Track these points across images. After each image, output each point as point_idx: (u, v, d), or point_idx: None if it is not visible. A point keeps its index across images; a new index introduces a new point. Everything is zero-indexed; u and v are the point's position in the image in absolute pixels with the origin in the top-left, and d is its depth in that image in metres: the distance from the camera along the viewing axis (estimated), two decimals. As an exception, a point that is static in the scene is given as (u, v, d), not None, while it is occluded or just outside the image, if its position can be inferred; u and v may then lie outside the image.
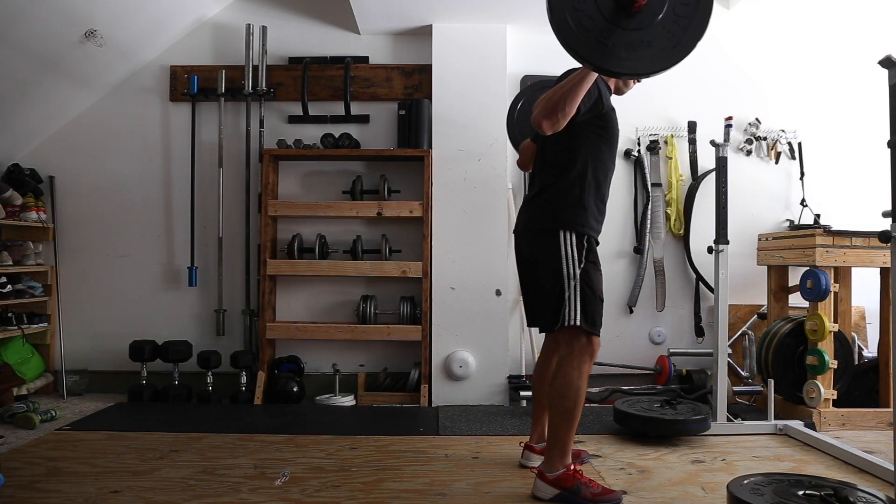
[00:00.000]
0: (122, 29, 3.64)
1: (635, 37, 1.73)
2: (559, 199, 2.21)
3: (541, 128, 2.05)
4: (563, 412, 2.16)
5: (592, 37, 1.73)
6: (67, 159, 4.04)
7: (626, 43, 1.73)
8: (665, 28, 1.74)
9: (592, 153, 2.22)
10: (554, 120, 2.02)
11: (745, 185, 3.96)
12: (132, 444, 2.80)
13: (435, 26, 3.84)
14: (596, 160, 2.23)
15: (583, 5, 1.73)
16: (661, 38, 1.74)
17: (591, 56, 1.74)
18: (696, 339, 3.98)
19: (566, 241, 2.17)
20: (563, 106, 2.00)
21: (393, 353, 3.96)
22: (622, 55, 1.74)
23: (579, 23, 1.73)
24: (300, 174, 4.04)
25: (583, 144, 2.21)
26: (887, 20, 3.98)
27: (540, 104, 2.05)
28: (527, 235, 2.29)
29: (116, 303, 4.03)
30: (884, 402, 3.30)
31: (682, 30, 1.74)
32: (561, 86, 2.03)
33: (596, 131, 2.22)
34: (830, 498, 1.87)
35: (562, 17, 1.73)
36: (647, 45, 1.74)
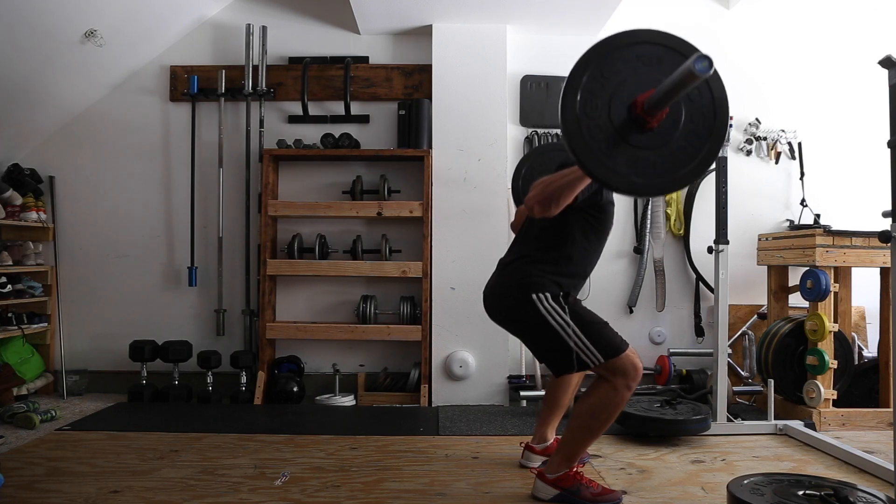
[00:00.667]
0: (122, 29, 3.64)
1: (640, 155, 1.69)
2: (534, 270, 2.14)
3: (532, 212, 2.02)
4: (588, 429, 2.12)
5: (597, 146, 1.68)
6: (67, 159, 4.04)
7: (628, 158, 1.69)
8: (670, 155, 1.71)
9: (579, 241, 2.17)
10: (547, 208, 1.98)
11: (745, 185, 3.96)
12: (132, 444, 2.80)
13: (435, 26, 3.84)
14: (581, 249, 2.18)
15: (595, 112, 1.68)
16: (664, 164, 1.70)
17: (592, 166, 1.68)
18: (696, 339, 3.98)
19: (541, 300, 2.09)
20: (559, 197, 1.96)
21: (393, 353, 3.96)
22: (622, 170, 1.69)
23: (588, 130, 1.68)
24: (300, 174, 4.04)
25: (572, 231, 2.16)
26: (887, 20, 3.98)
27: (537, 189, 2.01)
28: (495, 300, 2.23)
29: (116, 303, 4.03)
30: (884, 402, 3.30)
31: (685, 163, 1.72)
32: (561, 175, 1.96)
33: (588, 220, 2.17)
34: (830, 498, 1.87)
35: (573, 121, 1.67)
36: (650, 167, 1.70)
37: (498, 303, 2.23)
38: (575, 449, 2.16)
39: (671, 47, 1.73)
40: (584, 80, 1.70)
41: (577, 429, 2.13)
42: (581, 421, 2.12)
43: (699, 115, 1.72)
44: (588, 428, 2.12)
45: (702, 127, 1.73)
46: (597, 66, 1.72)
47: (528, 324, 2.14)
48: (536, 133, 3.98)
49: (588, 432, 2.13)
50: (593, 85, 1.70)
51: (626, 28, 1.77)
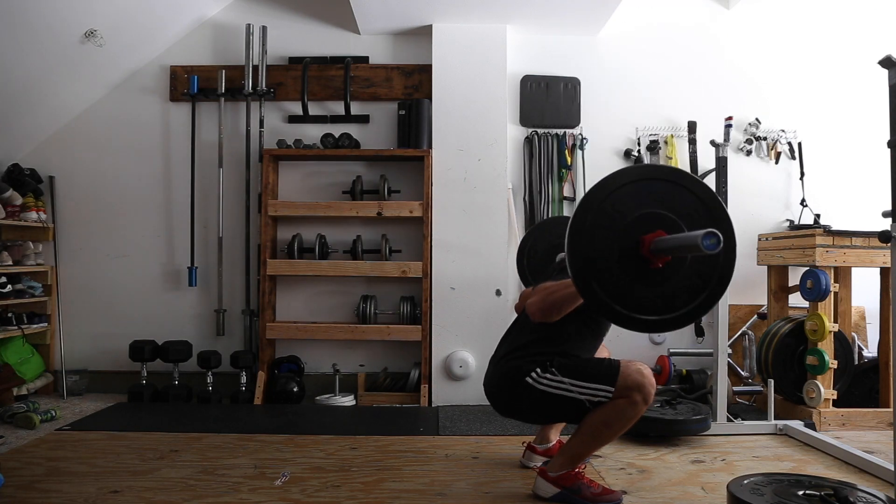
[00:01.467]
0: (122, 29, 3.64)
1: (637, 290, 1.75)
2: (528, 360, 2.15)
3: (533, 317, 2.11)
4: (598, 437, 2.12)
5: (601, 275, 1.73)
6: (67, 159, 4.04)
7: (626, 293, 1.75)
8: (666, 299, 1.76)
9: (574, 339, 2.19)
10: (548, 317, 2.09)
11: (745, 185, 3.96)
12: (132, 444, 2.80)
13: (435, 26, 3.84)
14: (574, 346, 2.19)
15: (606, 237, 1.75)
16: (657, 306, 1.76)
17: (591, 296, 1.74)
18: (696, 339, 3.98)
19: (535, 380, 2.11)
20: (560, 308, 2.06)
21: (393, 353, 3.96)
22: (617, 303, 1.74)
23: (599, 251, 1.74)
24: (300, 174, 4.04)
25: (566, 330, 2.17)
26: (887, 20, 3.98)
27: (539, 296, 2.10)
28: (499, 396, 2.23)
29: (116, 303, 4.03)
30: (884, 402, 3.30)
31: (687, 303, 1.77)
32: (565, 285, 2.00)
33: (586, 322, 2.19)
34: (830, 498, 1.87)
35: (581, 242, 1.73)
36: (641, 306, 1.75)
37: (500, 399, 2.24)
38: (581, 452, 2.16)
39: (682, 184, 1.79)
40: (590, 219, 1.74)
41: (587, 434, 2.13)
42: (593, 428, 2.11)
43: (705, 265, 1.78)
44: (598, 435, 2.12)
45: (706, 274, 1.78)
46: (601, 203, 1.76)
47: (533, 404, 2.15)
48: (536, 133, 3.98)
49: (597, 439, 2.14)
50: (599, 222, 1.74)
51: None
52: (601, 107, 3.99)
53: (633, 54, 4.04)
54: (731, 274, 1.81)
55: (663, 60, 4.04)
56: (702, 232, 1.54)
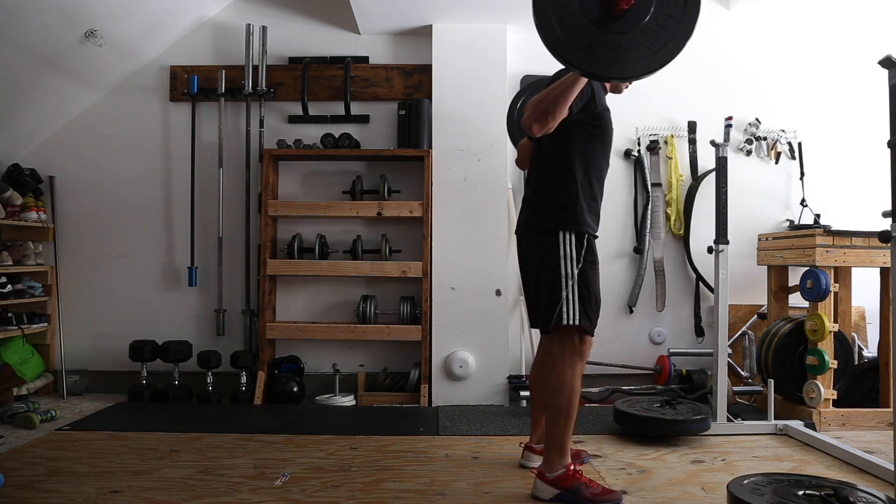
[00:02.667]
0: (122, 29, 3.64)
1: (621, 40, 1.72)
2: (555, 199, 2.21)
3: (531, 130, 2.05)
4: (559, 411, 2.17)
5: (579, 41, 1.72)
6: (67, 159, 4.04)
7: (612, 46, 1.72)
8: (651, 31, 1.73)
9: (585, 152, 2.22)
10: (543, 123, 2.02)
11: (745, 185, 3.96)
12: (132, 444, 2.80)
13: (435, 26, 3.84)
14: (589, 159, 2.23)
15: (569, 10, 1.73)
16: (648, 41, 1.73)
17: (578, 61, 1.73)
18: (696, 339, 3.98)
19: (565, 240, 2.17)
20: (553, 109, 2.00)
21: (393, 353, 3.96)
22: (609, 59, 1.73)
23: (566, 28, 1.72)
24: (300, 174, 4.04)
25: (575, 144, 2.20)
26: (887, 20, 3.98)
27: (530, 107, 2.05)
28: (527, 235, 2.30)
29: (116, 303, 4.03)
30: (884, 402, 3.30)
31: (669, 32, 1.75)
32: (551, 89, 2.02)
33: (589, 130, 2.22)
34: (830, 498, 1.87)
35: (548, 23, 1.72)
36: (634, 48, 1.73)
37: (527, 238, 2.29)
38: (559, 437, 2.18)
39: None
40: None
41: (550, 415, 2.20)
42: (549, 407, 2.20)
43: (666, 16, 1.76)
44: (558, 409, 2.17)
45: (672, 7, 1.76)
46: None
47: (541, 254, 2.20)
48: (536, 133, 3.97)
49: (560, 414, 2.17)
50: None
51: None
52: (609, 107, 3.97)
53: (633, 54, 4.03)
54: (692, 27, 1.79)
55: (663, 60, 4.03)
56: None
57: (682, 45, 1.76)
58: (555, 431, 2.18)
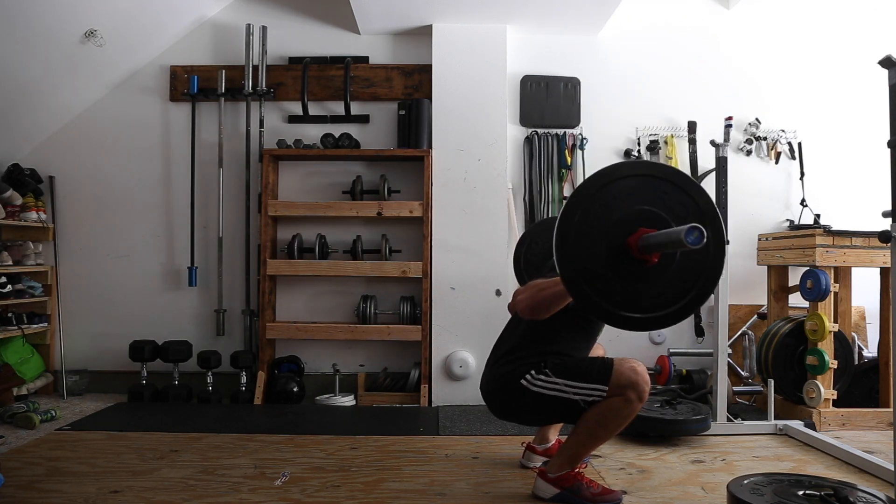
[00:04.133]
0: (122, 29, 3.64)
1: (627, 289, 1.75)
2: (523, 364, 2.15)
3: (522, 314, 2.09)
4: (594, 436, 2.12)
5: (588, 274, 1.73)
6: (67, 159, 4.03)
7: (615, 290, 1.74)
8: (655, 296, 1.76)
9: (566, 338, 2.18)
10: (536, 314, 2.06)
11: (745, 185, 3.96)
12: (132, 444, 2.80)
13: (435, 26, 3.84)
14: (568, 347, 2.19)
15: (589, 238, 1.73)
16: (647, 303, 1.76)
17: (579, 294, 1.74)
18: (696, 339, 3.98)
19: (529, 382, 2.11)
20: (549, 307, 2.02)
21: (393, 353, 3.96)
22: (608, 300, 1.75)
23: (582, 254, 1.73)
24: (300, 174, 4.04)
25: (560, 331, 2.16)
26: (887, 20, 3.98)
27: (529, 293, 2.06)
28: (495, 399, 2.22)
29: (116, 303, 4.03)
30: (884, 402, 3.30)
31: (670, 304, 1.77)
32: (554, 283, 1.96)
33: (578, 322, 2.18)
34: (830, 498, 1.87)
35: (567, 244, 1.72)
36: (632, 303, 1.75)
37: (496, 402, 2.23)
38: (578, 452, 2.16)
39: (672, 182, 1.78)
40: (578, 216, 1.73)
41: (584, 434, 2.13)
42: (589, 428, 2.10)
43: (694, 263, 1.77)
44: (595, 435, 2.13)
45: (696, 270, 1.77)
46: (589, 202, 1.75)
47: (528, 406, 2.14)
48: (536, 133, 3.98)
49: (594, 439, 2.14)
50: (587, 220, 1.73)
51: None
52: (601, 107, 3.99)
53: (633, 54, 4.03)
54: (720, 270, 1.79)
55: (663, 60, 4.04)
56: (685, 227, 1.54)
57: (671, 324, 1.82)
58: (577, 447, 2.15)
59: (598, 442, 2.16)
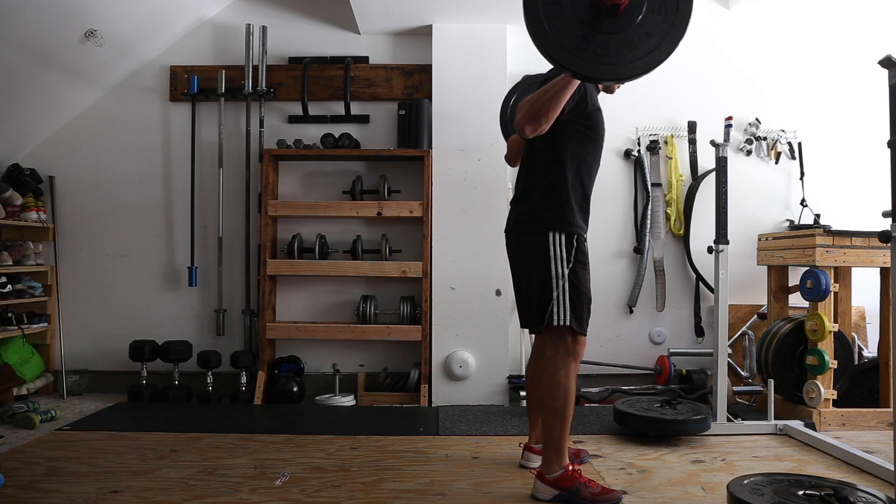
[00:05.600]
0: (122, 29, 3.64)
1: (613, 40, 1.71)
2: (546, 199, 2.20)
3: (523, 132, 2.05)
4: (554, 412, 2.16)
5: (570, 43, 1.71)
6: (67, 159, 4.04)
7: (604, 47, 1.71)
8: (643, 31, 1.72)
9: (577, 152, 2.21)
10: (536, 125, 2.02)
11: (745, 185, 3.96)
12: (132, 444, 2.80)
13: (435, 26, 3.84)
14: (580, 159, 2.22)
15: (560, 10, 1.71)
16: (640, 42, 1.71)
17: (570, 63, 1.72)
18: (696, 339, 3.98)
19: (555, 241, 2.16)
20: (546, 111, 2.00)
21: (393, 353, 3.96)
22: (602, 60, 1.71)
23: (557, 29, 1.71)
24: (300, 174, 4.04)
25: (567, 144, 2.19)
26: (887, 20, 3.98)
27: (523, 108, 2.04)
28: (516, 235, 2.29)
29: (116, 303, 4.03)
30: (884, 402, 3.30)
31: (662, 32, 1.72)
32: (544, 90, 2.01)
33: (581, 130, 2.21)
34: (830, 498, 1.87)
35: (538, 21, 1.72)
36: (626, 49, 1.71)
37: (516, 238, 2.28)
38: (556, 438, 2.17)
39: None
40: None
41: (546, 417, 2.18)
42: (545, 408, 2.18)
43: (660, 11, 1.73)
44: (553, 410, 2.16)
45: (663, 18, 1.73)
46: None
47: (531, 255, 2.19)
48: (536, 133, 3.98)
49: (556, 415, 2.16)
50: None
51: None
52: (601, 106, 3.97)
53: (633, 54, 4.03)
54: (687, 20, 1.74)
55: (663, 60, 4.03)
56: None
57: (674, 46, 1.73)
58: (552, 433, 2.18)
59: (562, 417, 2.16)
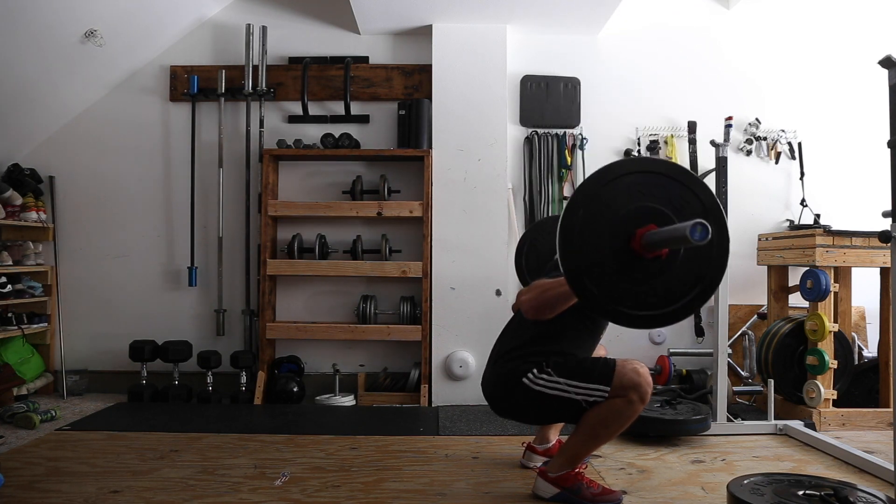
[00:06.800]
0: (122, 29, 3.64)
1: (638, 290, 1.73)
2: (521, 362, 2.14)
3: (528, 314, 2.08)
4: (596, 437, 2.12)
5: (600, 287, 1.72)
6: (67, 159, 4.03)
7: (627, 292, 1.73)
8: (664, 292, 1.74)
9: (570, 337, 2.17)
10: (542, 314, 2.05)
11: (745, 185, 3.96)
12: (132, 444, 2.80)
13: (435, 26, 3.84)
14: (572, 343, 2.18)
15: (594, 245, 1.72)
16: (650, 302, 1.74)
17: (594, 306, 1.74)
18: (696, 339, 3.98)
19: (531, 381, 2.09)
20: (554, 306, 2.01)
21: (393, 353, 3.96)
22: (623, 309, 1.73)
23: (589, 269, 1.72)
24: (300, 174, 4.04)
25: (564, 329, 2.15)
26: (887, 20, 3.98)
27: (533, 293, 2.05)
28: (497, 397, 2.21)
29: (116, 303, 4.03)
30: (884, 402, 3.30)
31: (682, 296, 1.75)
32: (559, 283, 1.94)
33: (582, 319, 2.16)
34: (830, 498, 1.87)
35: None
36: (648, 300, 1.73)
37: (497, 399, 2.22)
38: (579, 452, 2.16)
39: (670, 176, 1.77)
40: (581, 215, 1.71)
41: (585, 434, 2.12)
42: (590, 428, 2.10)
43: (699, 259, 1.75)
44: (596, 436, 2.12)
45: (701, 265, 1.75)
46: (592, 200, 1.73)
47: (530, 405, 2.13)
48: (536, 133, 3.98)
49: (595, 439, 2.14)
50: (590, 218, 1.71)
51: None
52: (601, 107, 3.99)
53: (633, 54, 4.03)
54: (724, 266, 1.78)
55: (663, 60, 4.04)
56: (690, 223, 1.53)
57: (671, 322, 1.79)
58: (579, 448, 2.15)
59: (600, 442, 2.16)
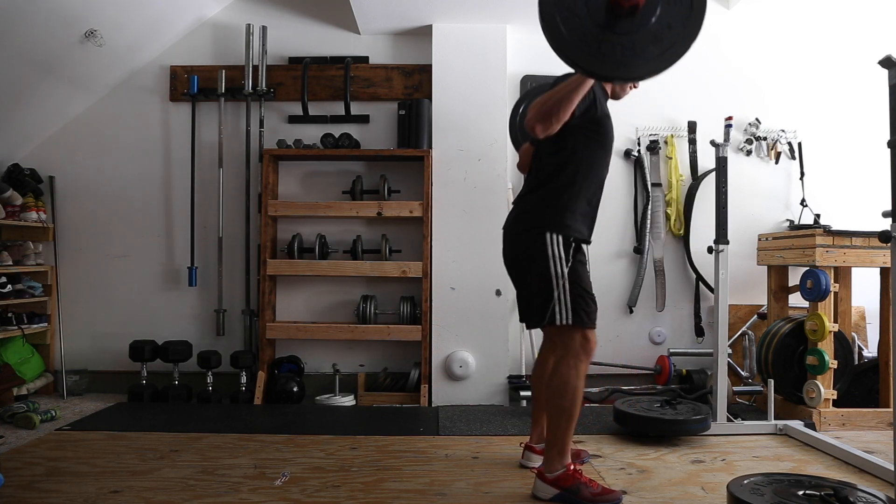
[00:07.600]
0: (122, 29, 3.64)
1: (627, 41, 1.72)
2: (548, 200, 2.20)
3: (534, 131, 2.05)
4: (561, 411, 2.16)
5: (585, 42, 1.73)
6: (67, 159, 4.04)
7: (618, 47, 1.72)
8: (658, 31, 1.73)
9: (585, 157, 2.21)
10: (547, 125, 2.02)
11: (745, 185, 3.96)
12: (132, 444, 2.80)
13: (435, 26, 3.84)
14: (589, 165, 2.22)
15: (574, 11, 1.73)
16: (654, 42, 1.72)
17: (585, 62, 1.74)
18: (696, 339, 3.98)
19: (552, 241, 2.16)
20: (558, 111, 2.00)
21: (393, 353, 3.96)
22: (615, 59, 1.72)
23: (571, 28, 1.72)
24: (300, 174, 4.04)
25: (576, 148, 2.20)
26: (887, 20, 3.98)
27: (534, 108, 2.05)
28: (513, 234, 2.29)
29: (116, 303, 4.03)
30: (884, 402, 3.30)
31: (675, 32, 1.73)
32: (556, 91, 2.02)
33: (590, 136, 2.21)
34: (830, 498, 1.87)
35: (553, 23, 1.73)
36: (640, 49, 1.73)
37: (514, 237, 2.29)
38: (560, 437, 2.17)
39: None
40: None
41: (552, 415, 2.19)
42: (551, 407, 2.18)
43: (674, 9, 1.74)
44: (560, 410, 2.16)
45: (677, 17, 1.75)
46: None
47: (529, 257, 2.19)
48: (536, 133, 3.98)
49: (563, 414, 2.16)
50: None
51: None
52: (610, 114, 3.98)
53: (633, 54, 4.03)
54: (701, 20, 1.76)
55: (663, 60, 4.03)
56: None
57: (687, 46, 1.74)
58: (556, 432, 2.18)
59: (569, 417, 2.16)
